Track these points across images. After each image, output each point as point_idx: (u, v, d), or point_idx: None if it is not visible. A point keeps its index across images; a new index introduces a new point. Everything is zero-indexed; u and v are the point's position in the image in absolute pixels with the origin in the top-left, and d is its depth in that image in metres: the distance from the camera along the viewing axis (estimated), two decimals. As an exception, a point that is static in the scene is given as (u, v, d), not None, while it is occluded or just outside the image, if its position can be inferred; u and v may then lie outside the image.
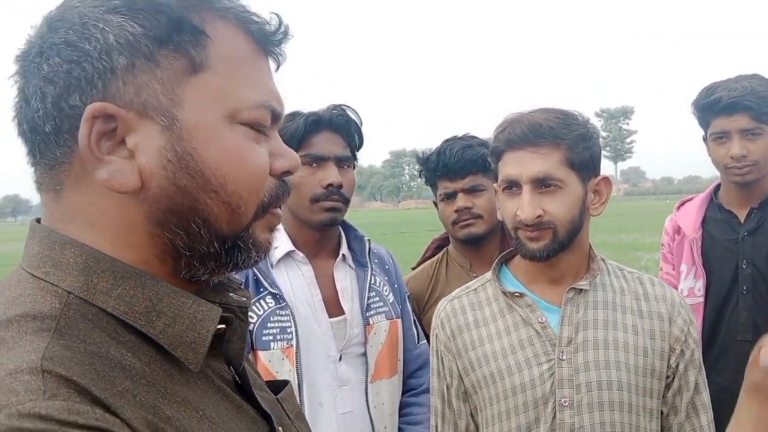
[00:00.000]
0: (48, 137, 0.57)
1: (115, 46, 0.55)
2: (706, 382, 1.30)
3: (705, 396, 1.27)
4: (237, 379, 0.67)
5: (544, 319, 1.25)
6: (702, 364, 1.29)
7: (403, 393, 1.66)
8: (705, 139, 1.96)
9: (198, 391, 0.60)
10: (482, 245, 1.85)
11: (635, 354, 1.22)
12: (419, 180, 2.02)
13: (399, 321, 1.64)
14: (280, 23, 0.63)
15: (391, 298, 1.65)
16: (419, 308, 1.91)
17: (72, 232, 0.58)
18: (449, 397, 1.32)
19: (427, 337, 1.61)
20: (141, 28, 0.56)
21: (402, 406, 1.64)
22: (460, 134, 1.91)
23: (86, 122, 0.55)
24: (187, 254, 0.60)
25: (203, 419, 0.57)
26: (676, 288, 2.02)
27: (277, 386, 0.76)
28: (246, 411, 0.65)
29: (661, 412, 1.25)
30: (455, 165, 1.79)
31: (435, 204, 1.93)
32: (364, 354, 1.54)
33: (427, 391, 1.55)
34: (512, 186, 1.23)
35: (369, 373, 1.53)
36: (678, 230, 2.07)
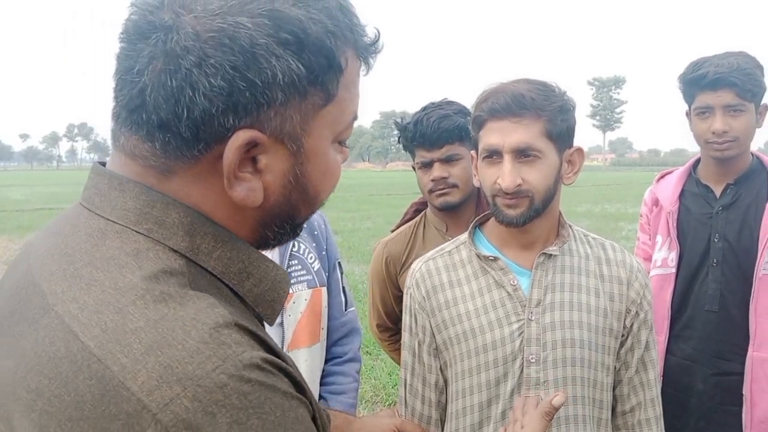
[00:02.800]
0: (182, 140, 0.57)
1: (279, 84, 0.57)
2: (656, 340, 1.38)
3: (654, 353, 1.36)
4: None
5: (515, 282, 1.30)
6: (653, 324, 1.37)
7: (327, 361, 1.65)
8: (688, 114, 1.98)
9: None
10: (458, 211, 1.89)
11: (596, 315, 1.30)
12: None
13: (323, 289, 1.61)
14: (378, 35, 0.66)
15: (316, 265, 1.62)
16: (396, 269, 1.95)
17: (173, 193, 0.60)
18: (420, 353, 1.37)
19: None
20: (305, 69, 0.58)
21: (326, 375, 1.64)
22: (438, 101, 1.90)
23: (236, 149, 0.57)
24: (271, 242, 0.68)
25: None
26: (650, 258, 2.07)
27: None
28: None
29: (614, 367, 1.33)
30: (432, 135, 1.80)
31: (413, 168, 1.95)
32: (281, 324, 1.52)
33: (351, 360, 1.55)
34: (493, 155, 1.26)
35: (285, 342, 1.51)
36: (656, 202, 2.10)
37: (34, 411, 0.51)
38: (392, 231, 2.09)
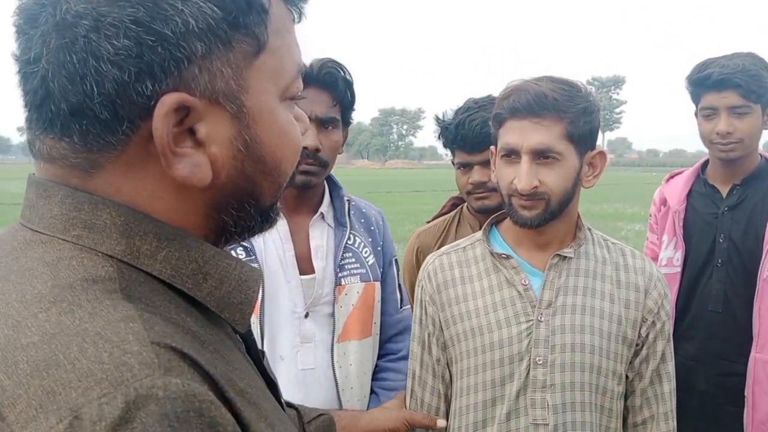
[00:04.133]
0: (101, 123, 0.50)
1: (194, 31, 0.50)
2: (673, 353, 1.36)
3: (670, 366, 1.34)
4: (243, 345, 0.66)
5: (527, 282, 1.29)
6: (671, 335, 1.35)
7: (381, 357, 1.65)
8: (696, 114, 1.98)
9: (239, 357, 0.58)
10: (494, 212, 1.88)
11: (609, 321, 1.27)
12: (407, 140, 2.01)
13: (376, 284, 1.61)
14: None
15: (371, 260, 1.62)
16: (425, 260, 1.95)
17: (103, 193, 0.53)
18: (429, 344, 1.37)
19: None
20: (220, 11, 0.51)
21: (379, 370, 1.64)
22: (482, 99, 1.85)
23: (165, 117, 0.50)
24: (231, 230, 0.59)
25: (256, 390, 0.56)
26: (656, 257, 2.06)
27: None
28: (260, 378, 0.64)
29: (627, 377, 1.32)
30: (474, 140, 1.78)
31: (453, 164, 1.93)
32: (332, 314, 1.52)
33: (405, 357, 1.56)
34: (511, 154, 1.24)
35: (336, 333, 1.52)
36: (664, 202, 2.11)
37: None
38: (428, 222, 2.11)
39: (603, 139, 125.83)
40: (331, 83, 1.51)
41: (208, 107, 0.52)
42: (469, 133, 1.77)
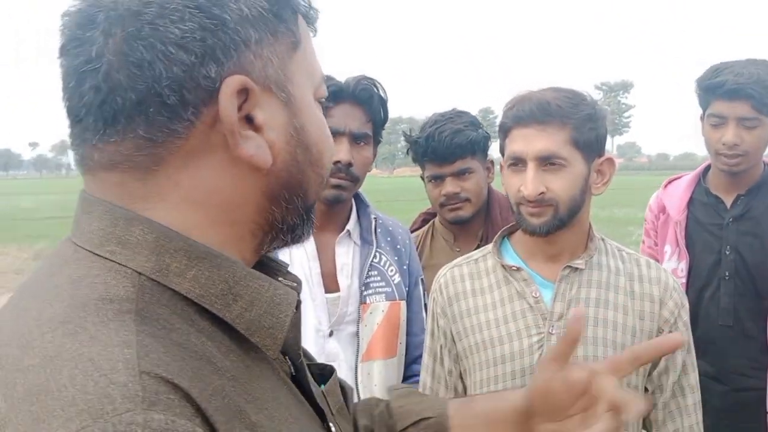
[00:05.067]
0: (168, 110, 0.51)
1: (248, 18, 0.54)
2: (695, 364, 1.32)
3: (693, 377, 1.30)
4: (292, 370, 0.64)
5: (537, 294, 1.28)
6: (692, 346, 1.32)
7: (406, 378, 1.62)
8: (702, 118, 1.91)
9: (270, 385, 0.56)
10: (467, 224, 1.89)
11: (623, 333, 1.25)
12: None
13: (402, 303, 1.59)
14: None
15: (396, 278, 1.60)
16: None
17: (147, 211, 0.53)
18: (442, 356, 1.36)
19: None
20: (266, 3, 0.55)
21: None
22: (449, 112, 1.87)
23: (231, 97, 0.52)
24: (279, 227, 0.60)
25: (281, 422, 0.54)
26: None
27: (322, 370, 0.73)
28: (305, 406, 0.62)
29: (647, 389, 1.29)
30: (444, 151, 1.78)
31: (422, 178, 1.93)
32: (357, 333, 1.51)
33: None
34: (518, 162, 1.25)
35: (360, 353, 1.51)
36: (663, 209, 2.05)
37: None
38: None
39: (612, 144, 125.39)
40: (366, 100, 1.52)
41: (262, 93, 0.55)
42: (440, 145, 1.77)
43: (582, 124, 1.22)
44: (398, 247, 1.66)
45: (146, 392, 0.42)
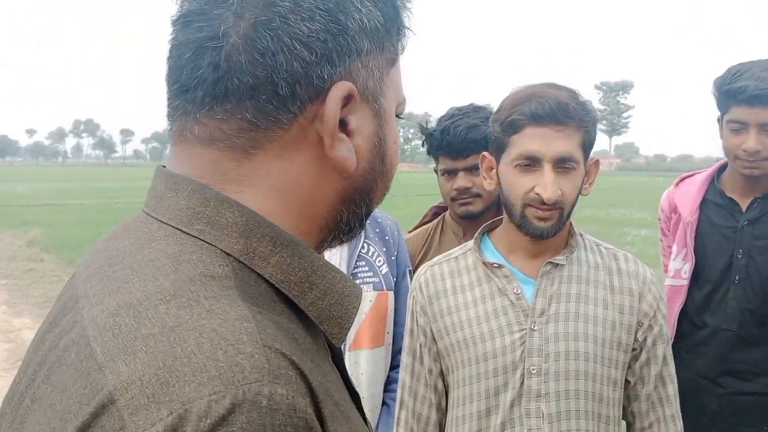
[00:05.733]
0: (279, 100, 0.53)
1: (366, 29, 0.56)
2: (672, 355, 1.35)
3: (671, 367, 1.33)
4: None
5: (519, 291, 1.28)
6: (669, 338, 1.34)
7: (393, 368, 1.64)
8: (719, 120, 1.85)
9: (331, 369, 0.58)
10: (478, 219, 1.88)
11: (603, 327, 1.26)
12: (413, 144, 2.02)
13: (389, 293, 1.61)
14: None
15: (384, 269, 1.62)
16: None
17: (237, 193, 0.55)
18: (421, 355, 1.36)
19: None
20: (382, 18, 0.57)
21: (390, 382, 1.63)
22: (466, 106, 1.88)
23: (338, 101, 0.54)
24: (341, 227, 0.62)
25: (346, 404, 0.56)
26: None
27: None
28: (347, 391, 0.63)
29: (628, 382, 1.31)
30: (459, 145, 1.79)
31: (436, 172, 1.94)
32: None
33: None
34: (531, 162, 1.22)
35: (347, 342, 1.52)
36: (675, 209, 1.99)
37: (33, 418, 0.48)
38: (409, 232, 2.09)
39: (610, 144, 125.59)
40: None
41: (360, 101, 0.57)
42: (455, 139, 1.78)
43: (592, 127, 1.23)
44: (386, 238, 1.68)
45: (271, 365, 0.44)
